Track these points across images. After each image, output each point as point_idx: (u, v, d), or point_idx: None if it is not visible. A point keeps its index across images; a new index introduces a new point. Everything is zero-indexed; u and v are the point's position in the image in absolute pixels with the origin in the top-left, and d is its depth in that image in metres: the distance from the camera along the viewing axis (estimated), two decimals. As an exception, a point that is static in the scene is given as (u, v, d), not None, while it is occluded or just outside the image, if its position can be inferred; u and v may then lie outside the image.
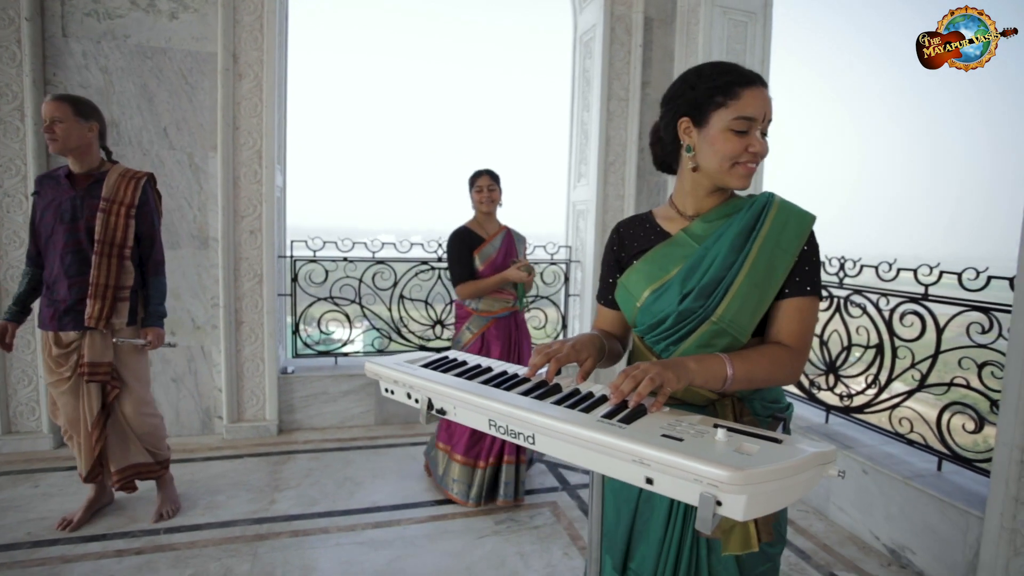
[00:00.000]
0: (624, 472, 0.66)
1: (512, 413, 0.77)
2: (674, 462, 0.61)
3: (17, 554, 1.98)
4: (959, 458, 2.07)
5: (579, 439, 0.69)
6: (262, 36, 2.97)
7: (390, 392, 0.96)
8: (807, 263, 0.95)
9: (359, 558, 2.01)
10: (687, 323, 0.95)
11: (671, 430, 0.68)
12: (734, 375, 0.86)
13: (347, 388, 3.33)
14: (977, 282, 2.01)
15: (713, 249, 0.95)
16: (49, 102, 1.98)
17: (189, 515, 2.26)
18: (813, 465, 0.64)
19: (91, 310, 2.00)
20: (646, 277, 1.00)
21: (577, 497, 2.52)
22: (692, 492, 0.61)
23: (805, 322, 0.93)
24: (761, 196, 0.99)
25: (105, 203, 2.04)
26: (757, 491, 0.58)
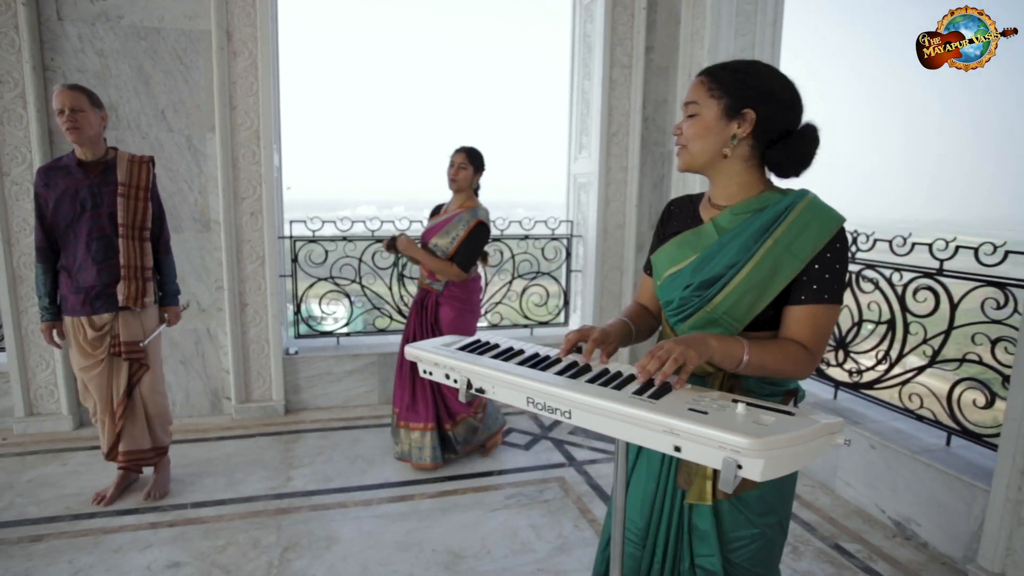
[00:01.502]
0: (654, 441, 0.76)
1: (550, 391, 0.86)
2: (701, 432, 0.71)
3: (61, 526, 2.14)
4: (969, 433, 2.18)
5: (614, 413, 0.79)
6: (255, 12, 2.97)
7: (428, 373, 1.06)
8: (828, 270, 0.97)
9: (378, 529, 2.15)
10: (687, 308, 1.06)
11: (696, 404, 0.78)
12: (749, 361, 0.94)
13: (350, 368, 3.44)
14: (994, 257, 2.09)
15: (728, 245, 1.02)
16: (66, 91, 2.04)
17: (211, 491, 2.40)
18: (822, 434, 0.74)
19: (126, 291, 2.13)
20: (669, 259, 1.10)
21: (584, 472, 2.65)
22: (716, 457, 0.71)
23: (820, 329, 0.98)
24: (792, 194, 1.02)
25: (123, 188, 2.13)
26: (772, 456, 0.68)
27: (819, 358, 1.01)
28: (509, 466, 2.69)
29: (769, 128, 1.00)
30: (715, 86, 1.01)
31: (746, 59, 1.07)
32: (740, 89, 0.99)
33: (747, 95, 0.99)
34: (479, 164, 2.66)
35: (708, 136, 1.01)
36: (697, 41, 3.37)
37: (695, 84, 1.04)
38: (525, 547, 2.07)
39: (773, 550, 1.09)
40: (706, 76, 1.03)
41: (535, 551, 2.05)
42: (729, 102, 1.00)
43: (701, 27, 3.31)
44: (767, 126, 1.00)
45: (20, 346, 2.92)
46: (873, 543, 2.15)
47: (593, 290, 3.78)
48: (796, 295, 0.99)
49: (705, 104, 1.01)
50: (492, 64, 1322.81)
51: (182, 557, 1.98)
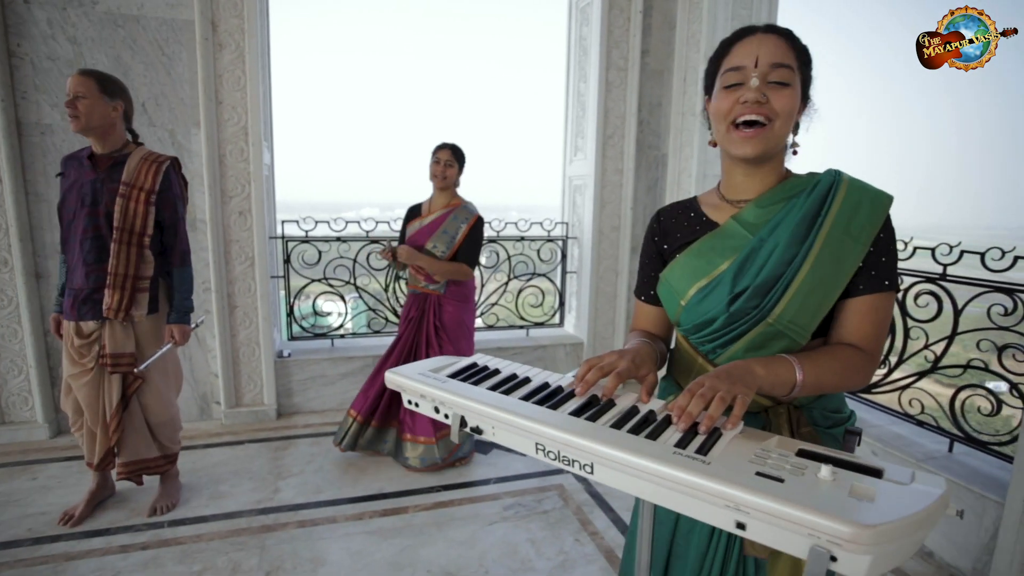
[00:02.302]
0: (709, 515, 0.56)
1: (565, 439, 0.65)
2: (781, 511, 0.50)
3: (20, 551, 1.87)
4: (974, 440, 2.02)
5: (651, 474, 0.58)
6: (242, 2, 2.71)
7: (414, 405, 0.84)
8: (884, 252, 0.81)
9: (369, 548, 1.93)
10: (739, 325, 0.83)
11: (763, 464, 0.57)
12: (803, 381, 0.75)
13: (345, 370, 3.21)
14: (1002, 262, 1.92)
15: (770, 240, 0.83)
16: (75, 76, 1.84)
17: (193, 506, 2.16)
18: (939, 511, 0.53)
19: (109, 301, 1.88)
20: (692, 273, 0.88)
21: (583, 480, 2.45)
22: (799, 544, 0.51)
23: (881, 323, 0.81)
24: (827, 174, 0.86)
25: (124, 188, 1.88)
26: (883, 550, 0.48)
27: (878, 361, 0.82)
28: (506, 473, 2.48)
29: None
30: (797, 56, 0.81)
31: None
32: (809, 67, 0.82)
33: (810, 76, 0.82)
34: (462, 160, 2.51)
35: (794, 116, 0.81)
36: (693, 45, 3.18)
37: (776, 43, 0.78)
38: (525, 565, 1.87)
39: None
40: (785, 40, 0.80)
41: (536, 569, 1.85)
42: (803, 80, 0.81)
43: (697, 31, 3.12)
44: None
45: (-6, 350, 2.65)
46: (880, 556, 1.97)
47: (588, 291, 3.58)
48: (854, 285, 0.81)
49: (794, 75, 0.80)
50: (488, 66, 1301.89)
51: (157, 582, 1.75)
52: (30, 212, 2.62)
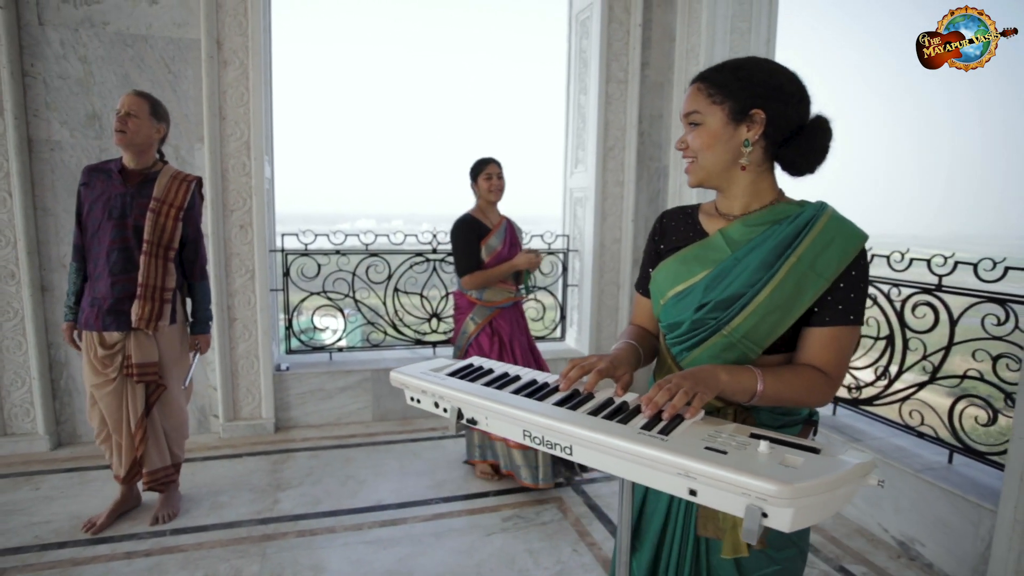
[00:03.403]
0: (667, 484, 0.69)
1: (548, 424, 0.79)
2: (721, 476, 0.63)
3: (27, 557, 2.01)
4: (971, 451, 2.13)
5: (620, 451, 0.71)
6: (247, 21, 2.91)
7: (416, 401, 0.98)
8: (853, 289, 0.90)
9: (368, 557, 2.05)
10: (700, 332, 0.95)
11: (713, 442, 0.70)
12: (763, 392, 0.86)
13: (343, 384, 3.34)
14: (994, 273, 2.05)
15: (744, 261, 0.93)
16: (131, 95, 2.05)
17: (194, 516, 2.28)
18: (856, 477, 0.66)
19: (140, 311, 2.04)
20: (674, 277, 1.00)
21: (582, 492, 2.56)
22: (737, 504, 0.64)
23: (843, 352, 0.91)
24: (810, 207, 0.95)
25: (156, 203, 2.06)
26: (803, 504, 0.61)
27: (839, 384, 0.93)
28: (506, 485, 2.59)
29: (781, 126, 0.92)
30: (715, 91, 0.93)
31: (741, 56, 0.97)
32: (743, 89, 0.91)
33: (753, 94, 0.91)
34: None
35: (717, 145, 0.93)
36: (692, 58, 3.35)
37: (692, 92, 0.96)
38: (522, 574, 1.98)
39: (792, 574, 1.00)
40: (703, 82, 0.95)
41: (532, 578, 1.96)
42: (734, 105, 0.91)
43: (696, 44, 3.29)
44: (779, 124, 0.92)
45: (-3, 363, 2.80)
46: (878, 564, 2.07)
47: (590, 304, 3.71)
48: (820, 316, 0.91)
49: (708, 112, 0.93)
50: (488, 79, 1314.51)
51: (160, 588, 1.87)
52: (37, 226, 2.80)
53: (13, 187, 2.69)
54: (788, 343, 0.94)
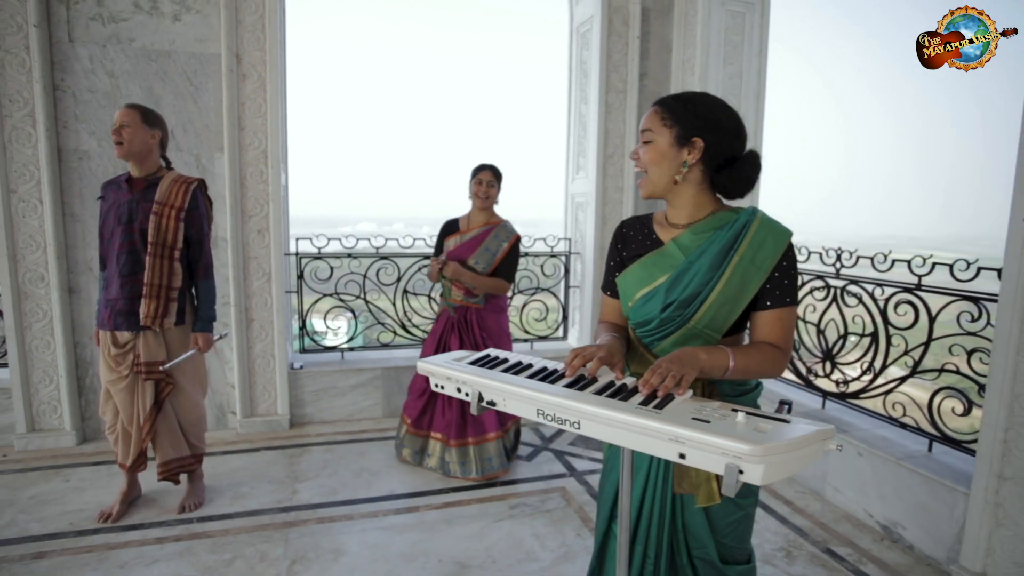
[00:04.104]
0: (661, 449, 0.82)
1: (560, 403, 0.91)
2: (706, 440, 0.76)
3: (65, 542, 2.13)
4: (949, 439, 2.25)
5: (621, 423, 0.84)
6: (264, 36, 3.05)
7: (440, 387, 1.11)
8: (786, 277, 1.08)
9: (384, 541, 2.17)
10: (668, 326, 1.12)
11: (699, 414, 0.83)
12: (734, 367, 1.02)
13: (355, 382, 3.46)
14: (967, 272, 2.18)
15: (696, 264, 1.10)
16: (123, 108, 2.17)
17: (217, 505, 2.41)
18: (816, 440, 0.79)
19: (146, 309, 2.16)
20: (638, 281, 1.16)
21: (585, 483, 2.69)
22: (719, 463, 0.76)
23: (787, 328, 1.09)
24: (744, 213, 1.12)
25: (157, 206, 2.18)
26: (772, 461, 0.73)
27: (789, 355, 1.11)
28: (512, 477, 2.72)
29: (716, 154, 1.09)
30: (667, 116, 1.10)
31: (697, 91, 1.15)
32: (689, 119, 1.08)
33: (696, 124, 1.08)
34: (501, 180, 2.79)
35: (663, 162, 1.10)
36: (688, 69, 3.49)
37: (650, 113, 1.13)
38: (530, 556, 2.10)
39: (751, 523, 1.19)
40: (659, 106, 1.12)
41: (539, 560, 2.08)
42: (680, 131, 1.08)
43: (692, 56, 3.43)
44: (714, 152, 1.09)
45: (23, 362, 2.92)
46: (862, 547, 2.20)
47: (591, 305, 3.84)
48: (763, 302, 1.09)
49: (659, 132, 1.10)
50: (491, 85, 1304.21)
51: (189, 572, 1.99)
52: (66, 232, 2.92)
53: (44, 194, 2.82)
54: (739, 326, 1.12)
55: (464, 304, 2.75)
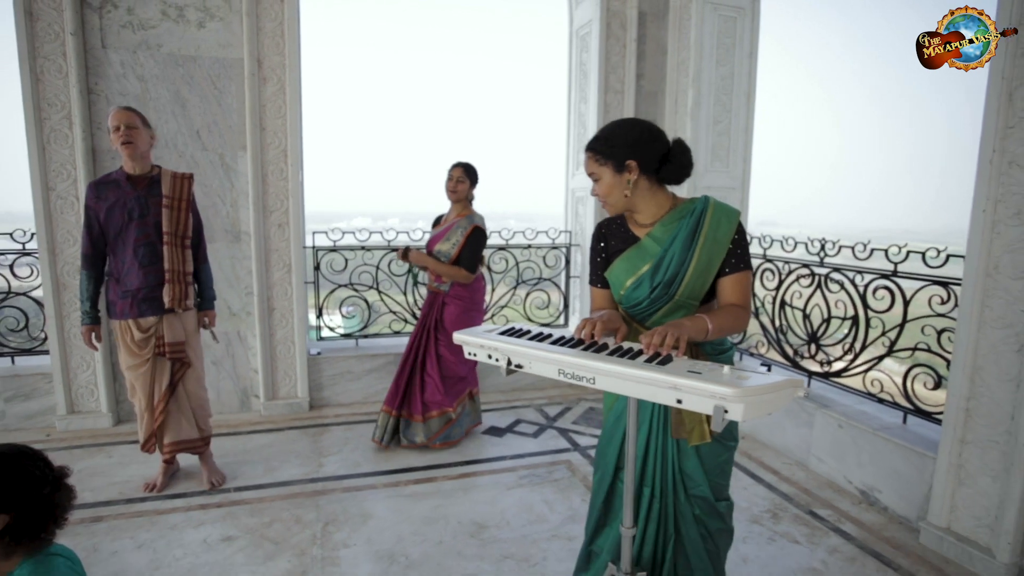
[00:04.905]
0: (662, 396, 1.00)
1: (578, 363, 1.10)
2: (698, 387, 0.94)
3: (117, 508, 2.32)
4: (921, 412, 2.45)
5: (632, 376, 1.02)
6: (283, 42, 3.20)
7: (473, 355, 1.29)
8: (739, 247, 1.32)
9: (407, 507, 2.36)
10: (657, 303, 1.36)
11: (692, 368, 1.01)
12: (712, 329, 1.23)
13: (370, 367, 3.64)
14: (938, 260, 2.37)
15: (670, 251, 1.33)
16: (122, 111, 2.25)
17: (251, 477, 2.59)
18: (787, 387, 0.97)
19: (171, 294, 2.32)
20: (625, 272, 1.39)
21: (588, 456, 2.88)
22: (708, 405, 0.95)
23: (746, 289, 1.33)
24: (699, 201, 1.35)
25: (168, 200, 2.33)
26: (750, 401, 0.92)
27: (750, 311, 1.35)
28: (520, 451, 2.91)
29: (649, 162, 1.32)
30: (599, 156, 1.34)
31: (612, 122, 1.37)
32: (616, 151, 1.32)
33: (623, 152, 1.31)
34: (474, 177, 2.97)
35: (614, 190, 1.34)
36: (683, 70, 3.65)
37: (587, 159, 1.36)
38: (540, 518, 2.29)
39: (731, 464, 1.43)
40: (590, 152, 1.36)
41: (549, 521, 2.27)
42: (614, 163, 1.32)
43: (686, 58, 3.59)
44: (647, 161, 1.32)
45: (63, 348, 3.09)
46: (842, 508, 2.40)
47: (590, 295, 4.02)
48: (723, 269, 1.32)
49: (600, 171, 1.34)
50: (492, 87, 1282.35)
51: (234, 532, 2.18)
52: (100, 226, 3.08)
53: (80, 192, 2.98)
54: (711, 294, 1.36)
55: (435, 290, 2.98)
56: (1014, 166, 1.82)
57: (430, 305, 2.98)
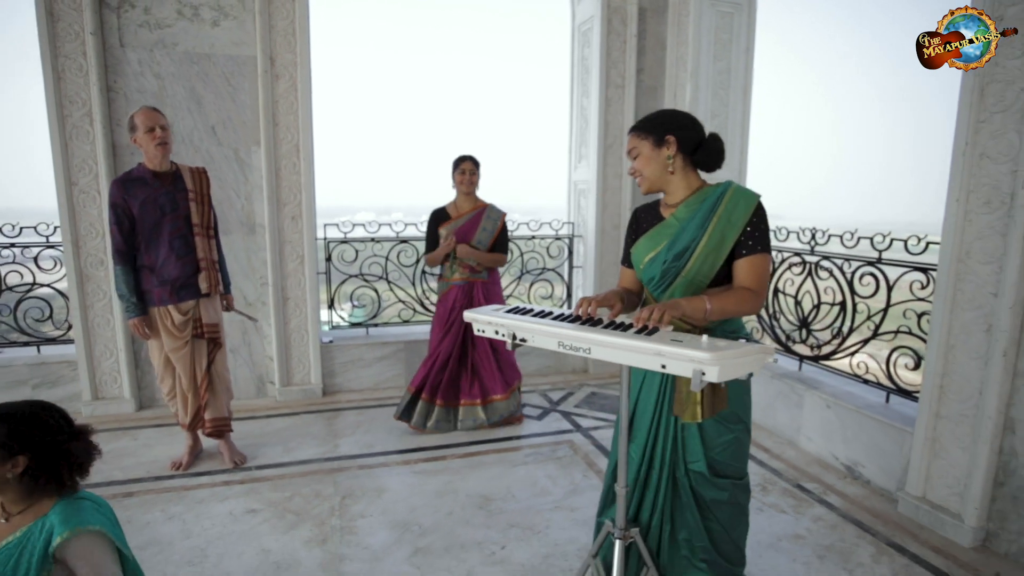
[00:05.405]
0: (648, 362, 1.15)
1: (575, 335, 1.25)
2: (679, 352, 1.10)
3: (147, 484, 2.50)
4: (902, 391, 2.61)
5: (622, 346, 1.18)
6: (295, 39, 3.34)
7: (481, 331, 1.44)
8: (757, 230, 1.40)
9: (419, 482, 2.53)
10: (668, 278, 1.46)
11: (675, 337, 1.17)
12: (711, 309, 1.34)
13: (380, 355, 3.81)
14: (919, 247, 2.52)
15: (687, 227, 1.44)
16: (156, 112, 2.42)
17: (271, 456, 2.77)
18: (757, 353, 1.13)
19: (207, 280, 2.53)
20: (646, 248, 1.51)
21: (589, 436, 3.04)
22: (688, 368, 1.10)
23: (760, 272, 1.40)
24: (723, 185, 1.46)
25: (193, 194, 2.51)
26: (724, 364, 1.07)
27: (763, 296, 1.42)
28: (525, 432, 3.08)
29: (687, 142, 1.44)
30: (642, 131, 1.46)
31: (656, 110, 1.50)
32: (658, 127, 1.44)
33: (664, 128, 1.44)
34: (479, 167, 3.13)
35: (652, 163, 1.45)
36: (681, 65, 3.78)
37: (630, 137, 1.47)
38: (544, 491, 2.46)
39: (744, 446, 1.51)
40: (632, 131, 1.48)
41: (552, 494, 2.44)
42: (655, 137, 1.44)
43: (684, 53, 3.72)
44: (685, 142, 1.44)
45: (87, 337, 3.26)
46: (827, 482, 2.56)
47: (593, 284, 4.17)
48: (739, 251, 1.41)
49: (641, 145, 1.46)
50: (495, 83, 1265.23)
51: (257, 505, 2.35)
52: (121, 219, 3.24)
53: (101, 186, 3.14)
54: (727, 277, 1.44)
55: (470, 280, 3.10)
56: (984, 159, 1.96)
57: (466, 294, 3.07)
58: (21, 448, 1.17)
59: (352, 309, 4.03)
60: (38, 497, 1.22)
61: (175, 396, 2.65)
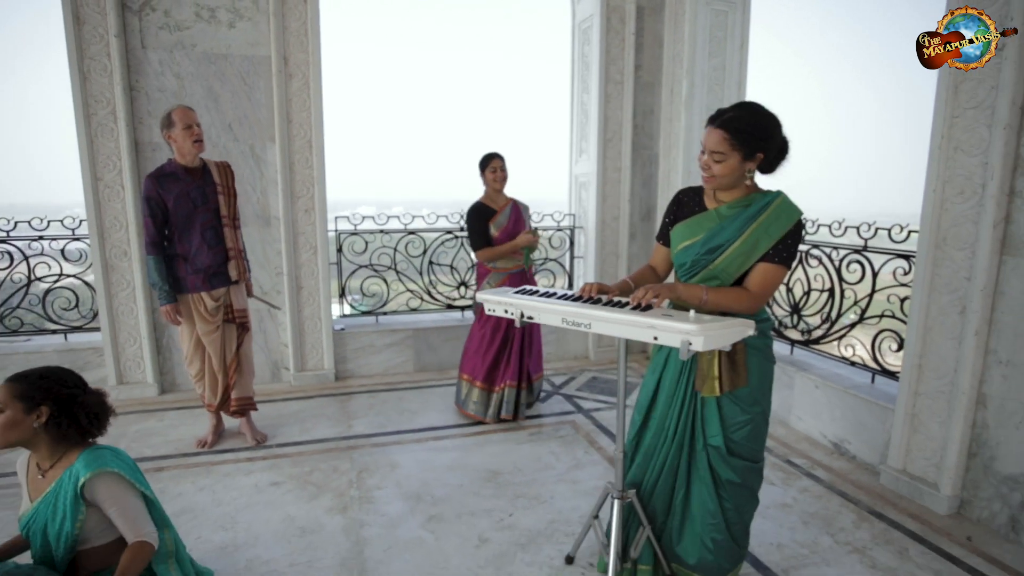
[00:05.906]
0: (642, 335, 1.30)
1: (577, 311, 1.40)
2: (668, 325, 1.24)
3: (175, 460, 2.66)
4: (886, 372, 2.75)
5: (619, 320, 1.32)
6: (307, 40, 3.47)
7: (492, 311, 1.59)
8: (786, 243, 1.45)
9: (430, 458, 2.68)
10: (697, 267, 1.55)
11: (666, 313, 1.31)
12: (707, 299, 1.45)
13: (390, 341, 3.96)
14: (901, 235, 2.65)
15: (727, 228, 1.50)
16: (191, 111, 2.56)
17: (289, 435, 2.93)
18: (738, 326, 1.27)
19: (237, 268, 2.69)
20: (683, 235, 1.59)
21: (591, 417, 3.19)
22: (676, 339, 1.24)
23: (770, 281, 1.47)
24: (772, 194, 1.50)
25: (221, 187, 2.66)
26: (708, 334, 1.21)
27: (761, 302, 1.49)
28: (530, 413, 3.22)
29: (770, 157, 1.47)
30: (735, 142, 1.42)
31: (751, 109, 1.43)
32: (754, 141, 1.43)
33: (758, 145, 1.44)
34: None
35: (734, 173, 1.47)
36: (678, 62, 3.90)
37: (719, 138, 1.42)
38: (548, 466, 2.61)
39: (760, 431, 1.59)
40: (727, 133, 1.42)
41: (556, 468, 2.59)
42: (747, 151, 1.44)
43: (681, 50, 3.84)
44: (768, 157, 1.47)
45: (112, 325, 3.41)
46: (815, 458, 2.71)
47: (593, 273, 4.31)
48: (762, 256, 1.47)
49: (729, 154, 1.43)
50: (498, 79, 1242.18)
51: (280, 478, 2.50)
52: (144, 213, 3.38)
53: (125, 180, 3.28)
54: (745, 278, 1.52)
55: (521, 268, 3.19)
56: (958, 151, 2.09)
57: (522, 280, 3.14)
58: (42, 399, 1.35)
59: (362, 298, 4.17)
60: (64, 448, 1.41)
61: (202, 378, 2.80)
